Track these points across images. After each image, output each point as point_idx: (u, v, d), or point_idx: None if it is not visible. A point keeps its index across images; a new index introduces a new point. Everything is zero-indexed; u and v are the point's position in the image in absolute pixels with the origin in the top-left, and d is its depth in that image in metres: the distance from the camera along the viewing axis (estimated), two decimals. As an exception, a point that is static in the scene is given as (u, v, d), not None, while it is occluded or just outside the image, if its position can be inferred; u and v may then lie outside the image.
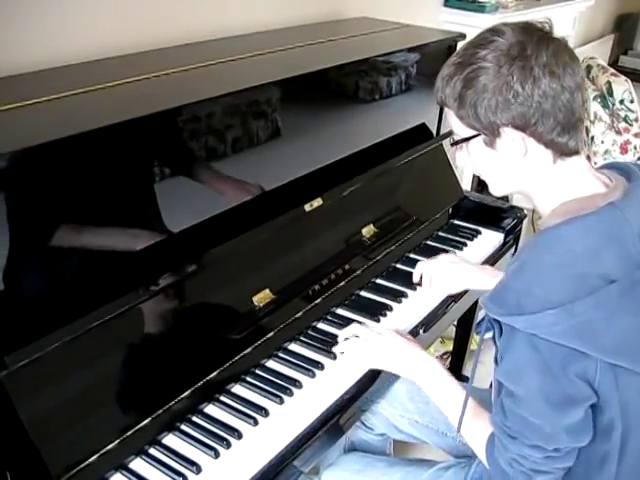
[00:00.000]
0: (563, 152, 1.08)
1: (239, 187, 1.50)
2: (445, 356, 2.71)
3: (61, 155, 1.12)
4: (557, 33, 1.08)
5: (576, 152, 1.09)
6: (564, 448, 1.05)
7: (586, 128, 4.03)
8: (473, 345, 2.64)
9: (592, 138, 4.00)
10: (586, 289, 0.98)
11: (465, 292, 1.69)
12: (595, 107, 3.99)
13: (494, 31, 1.07)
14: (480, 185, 3.17)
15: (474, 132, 1.10)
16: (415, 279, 1.68)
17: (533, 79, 1.02)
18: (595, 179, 1.11)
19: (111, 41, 1.65)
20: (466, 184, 3.05)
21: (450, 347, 2.58)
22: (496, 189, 1.20)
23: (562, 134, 1.05)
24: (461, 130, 1.13)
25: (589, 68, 4.20)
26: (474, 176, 3.13)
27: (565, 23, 3.65)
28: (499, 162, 1.12)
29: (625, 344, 1.01)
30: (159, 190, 1.32)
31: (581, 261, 1.00)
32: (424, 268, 1.66)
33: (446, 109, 1.15)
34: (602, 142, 3.96)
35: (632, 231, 1.02)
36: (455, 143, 1.16)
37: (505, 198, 2.52)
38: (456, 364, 2.48)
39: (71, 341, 1.12)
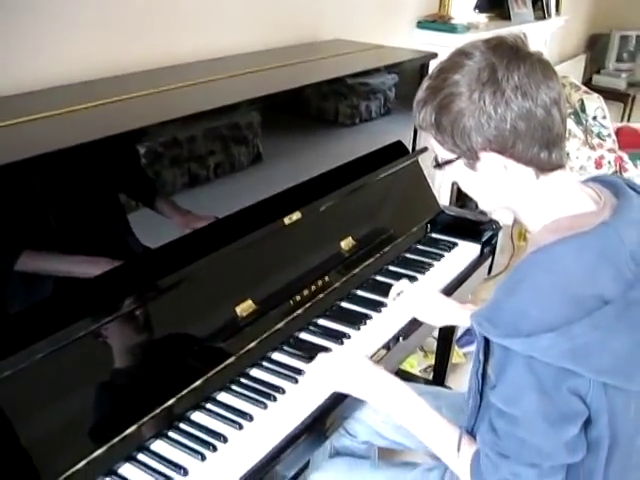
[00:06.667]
0: (545, 168, 1.08)
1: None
2: (428, 369, 2.75)
3: (41, 171, 1.18)
4: (531, 47, 1.08)
5: (559, 166, 1.10)
6: (557, 464, 1.07)
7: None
8: (455, 358, 2.69)
9: (567, 154, 4.09)
10: (582, 311, 0.99)
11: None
12: (569, 124, 4.09)
13: (464, 54, 1.07)
14: (459, 199, 3.24)
15: (454, 155, 1.12)
16: (392, 296, 1.69)
17: (505, 102, 1.02)
18: (582, 193, 1.12)
19: (93, 65, 1.70)
20: (444, 199, 3.12)
21: (433, 361, 2.62)
22: (483, 205, 1.22)
23: (541, 151, 1.06)
24: (442, 153, 1.14)
25: (562, 87, 4.31)
26: (452, 191, 3.20)
27: (536, 43, 3.74)
28: (482, 182, 1.14)
29: (618, 364, 1.02)
30: (143, 206, 1.38)
31: (576, 282, 1.01)
32: (407, 290, 1.67)
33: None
34: (577, 158, 4.05)
35: (625, 251, 1.04)
36: (437, 166, 1.18)
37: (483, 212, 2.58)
38: (438, 377, 2.51)
39: (56, 351, 1.16)
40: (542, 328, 0.99)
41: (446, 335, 2.37)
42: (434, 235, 2.17)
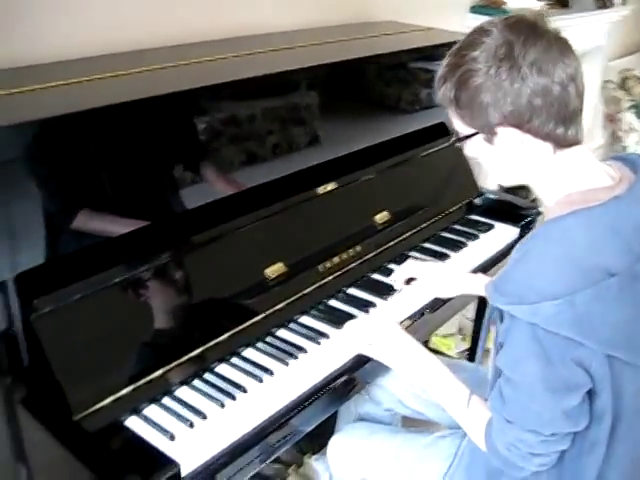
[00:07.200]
0: (562, 143, 1.11)
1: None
2: (465, 352, 2.77)
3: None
4: (550, 25, 1.11)
5: (576, 142, 1.12)
6: (560, 432, 1.11)
7: (619, 137, 4.07)
8: (490, 343, 2.69)
9: (624, 148, 4.02)
10: (587, 281, 1.02)
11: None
12: (629, 117, 4.03)
13: (483, 31, 1.11)
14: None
15: (473, 130, 1.15)
16: (398, 278, 1.70)
17: (521, 78, 1.05)
18: (599, 170, 1.15)
19: (165, 33, 1.83)
20: (493, 183, 3.11)
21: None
22: (502, 181, 1.26)
23: (558, 126, 1.08)
24: (461, 128, 1.18)
25: (625, 79, 4.24)
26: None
27: (597, 33, 3.67)
28: (499, 157, 1.17)
29: (621, 336, 1.05)
30: (191, 166, 1.49)
31: (584, 253, 1.04)
32: (411, 268, 1.69)
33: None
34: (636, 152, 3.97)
35: (635, 225, 1.06)
36: (457, 141, 1.21)
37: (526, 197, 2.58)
38: (472, 358, 2.53)
39: (95, 293, 1.27)
40: (546, 297, 1.02)
41: (482, 316, 2.39)
42: (473, 217, 2.20)
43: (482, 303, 2.23)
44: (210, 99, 1.50)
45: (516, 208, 2.20)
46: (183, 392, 1.33)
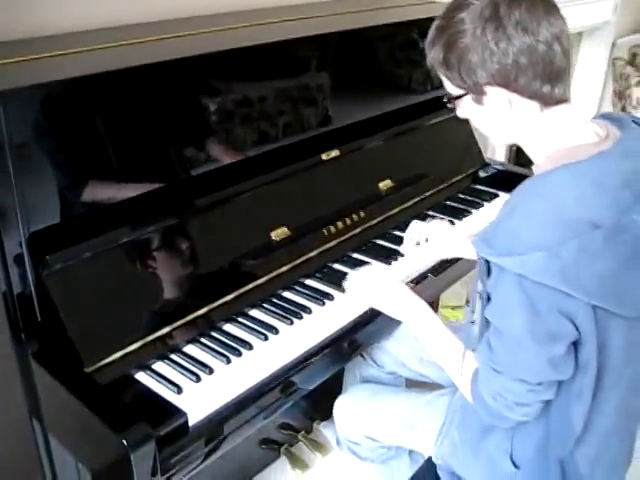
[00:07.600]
0: (548, 102, 1.14)
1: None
2: (474, 323, 2.79)
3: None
4: None
5: (563, 101, 1.16)
6: (546, 382, 1.14)
7: (629, 113, 4.06)
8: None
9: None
10: (572, 233, 1.05)
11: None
12: (638, 93, 4.01)
13: None
14: (519, 157, 3.23)
15: (462, 91, 1.19)
16: (408, 238, 1.75)
17: (507, 38, 1.08)
18: (586, 127, 1.18)
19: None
20: (500, 156, 3.13)
21: (478, 315, 2.66)
22: (494, 140, 1.29)
23: (544, 85, 1.12)
24: (452, 90, 1.21)
25: (635, 55, 4.22)
26: (511, 150, 3.21)
27: (604, 9, 3.64)
28: (489, 117, 1.20)
29: (607, 287, 1.08)
30: (199, 132, 1.54)
31: (570, 206, 1.06)
32: (420, 228, 1.73)
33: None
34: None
35: (620, 179, 1.09)
36: (447, 102, 1.25)
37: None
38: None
39: (105, 251, 1.32)
40: (533, 248, 1.05)
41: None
42: (478, 186, 2.22)
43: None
44: (217, 66, 1.54)
45: (522, 178, 2.19)
46: (190, 349, 1.37)
